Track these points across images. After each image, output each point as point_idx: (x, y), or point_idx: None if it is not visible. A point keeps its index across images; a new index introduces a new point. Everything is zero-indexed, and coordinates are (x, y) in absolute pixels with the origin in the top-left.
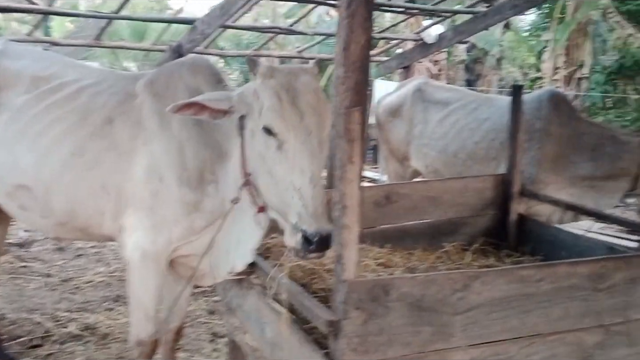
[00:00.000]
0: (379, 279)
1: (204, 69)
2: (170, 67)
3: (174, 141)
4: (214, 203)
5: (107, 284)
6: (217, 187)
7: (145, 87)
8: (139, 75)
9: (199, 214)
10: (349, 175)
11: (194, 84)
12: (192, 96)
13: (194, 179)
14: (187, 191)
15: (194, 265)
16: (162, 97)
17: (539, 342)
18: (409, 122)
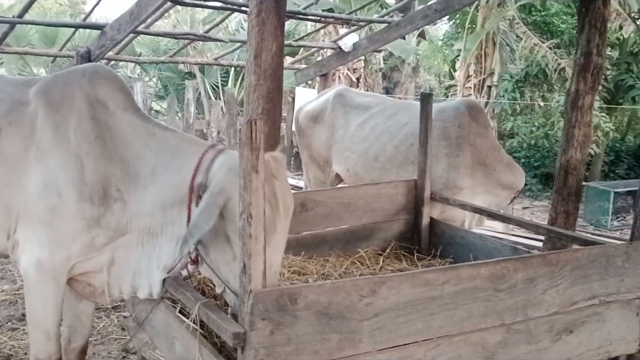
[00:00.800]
0: (285, 288)
1: (107, 80)
2: (68, 75)
3: (72, 154)
4: (119, 221)
5: (12, 302)
6: (124, 206)
7: (38, 94)
8: (30, 81)
9: (100, 230)
10: (254, 184)
11: (96, 95)
12: (92, 108)
13: (95, 193)
14: (88, 207)
15: (92, 281)
16: (58, 107)
17: (444, 343)
18: (330, 126)
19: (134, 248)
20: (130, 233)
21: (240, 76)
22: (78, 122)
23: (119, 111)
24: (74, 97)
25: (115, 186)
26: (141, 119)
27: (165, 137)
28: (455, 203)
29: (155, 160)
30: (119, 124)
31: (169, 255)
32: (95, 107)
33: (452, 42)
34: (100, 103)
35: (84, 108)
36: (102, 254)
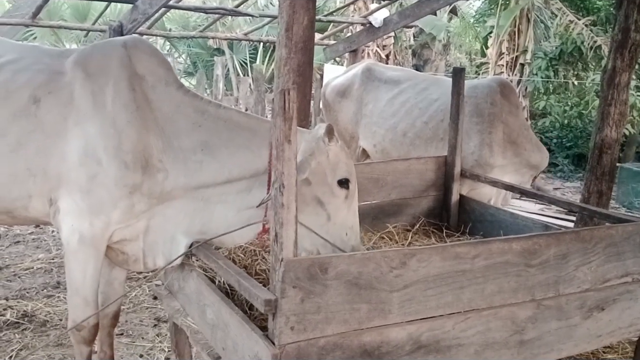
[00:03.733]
0: (315, 258)
1: (148, 54)
2: (106, 46)
3: (111, 123)
4: (162, 190)
5: (47, 271)
6: (167, 176)
7: (76, 65)
8: (67, 52)
9: (142, 198)
10: (287, 154)
11: (135, 69)
12: (131, 80)
13: (137, 162)
14: (129, 174)
15: (127, 250)
16: (97, 78)
17: (473, 317)
18: (358, 101)
19: (176, 216)
20: (173, 201)
21: (268, 53)
22: (117, 92)
23: (160, 85)
24: (113, 67)
25: (158, 157)
26: (187, 96)
27: (219, 115)
28: (486, 180)
29: (206, 137)
30: (159, 97)
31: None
32: (134, 78)
33: (484, 18)
34: (139, 75)
35: (123, 79)
36: (139, 221)
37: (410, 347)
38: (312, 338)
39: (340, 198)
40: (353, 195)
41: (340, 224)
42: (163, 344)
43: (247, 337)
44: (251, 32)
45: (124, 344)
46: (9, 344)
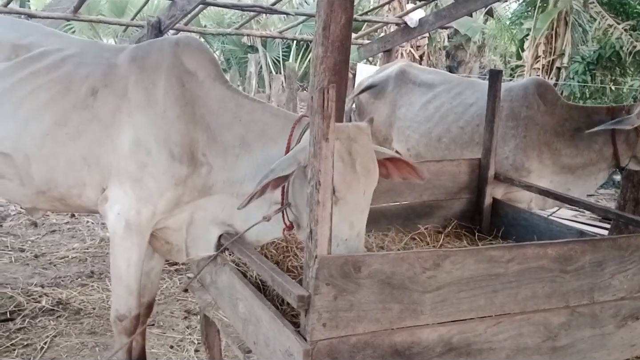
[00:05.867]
0: (349, 256)
1: (198, 51)
2: (160, 43)
3: (162, 115)
4: (205, 184)
5: (82, 260)
6: (210, 170)
7: (131, 60)
8: (124, 48)
9: (186, 190)
10: (324, 151)
11: (186, 66)
12: (182, 76)
13: (184, 154)
14: (176, 165)
15: (170, 239)
16: (149, 72)
17: (505, 321)
18: (391, 104)
19: (215, 210)
20: (213, 195)
21: (301, 51)
22: (168, 87)
23: (208, 81)
24: (165, 64)
25: (202, 151)
26: (230, 91)
27: (254, 108)
28: (521, 184)
29: (244, 131)
30: (207, 93)
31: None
32: (184, 74)
33: (521, 20)
34: (190, 72)
35: (174, 74)
36: (183, 212)
37: (441, 349)
38: (344, 335)
39: None
40: (344, 204)
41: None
42: (193, 336)
43: (279, 332)
44: (286, 30)
45: (154, 335)
46: (44, 330)
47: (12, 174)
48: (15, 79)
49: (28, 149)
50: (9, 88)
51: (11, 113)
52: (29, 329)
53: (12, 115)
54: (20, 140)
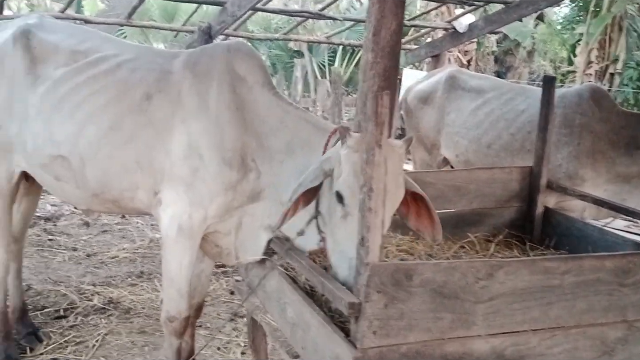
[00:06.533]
0: (401, 264)
1: (248, 57)
2: (213, 49)
3: (214, 121)
4: (253, 189)
5: (131, 260)
6: (259, 176)
7: (185, 66)
8: (177, 54)
9: (236, 195)
10: (377, 158)
11: (237, 71)
12: (233, 81)
13: (234, 159)
14: (227, 170)
15: (220, 243)
16: (202, 78)
17: (560, 334)
18: (440, 109)
19: (262, 215)
20: (261, 201)
21: (347, 56)
22: (220, 92)
23: (257, 87)
24: (217, 70)
25: (251, 156)
26: (276, 97)
27: (299, 115)
28: (575, 193)
29: (290, 137)
30: (256, 98)
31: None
32: (236, 80)
33: (572, 25)
34: (240, 78)
35: (226, 80)
36: (232, 217)
37: None
38: (394, 344)
39: (337, 214)
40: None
41: (339, 247)
42: (239, 338)
43: (329, 338)
44: (333, 35)
45: (202, 336)
46: (96, 328)
47: (68, 176)
48: (74, 84)
49: (84, 152)
50: (68, 92)
51: (69, 117)
52: (81, 326)
53: (70, 119)
54: (77, 143)
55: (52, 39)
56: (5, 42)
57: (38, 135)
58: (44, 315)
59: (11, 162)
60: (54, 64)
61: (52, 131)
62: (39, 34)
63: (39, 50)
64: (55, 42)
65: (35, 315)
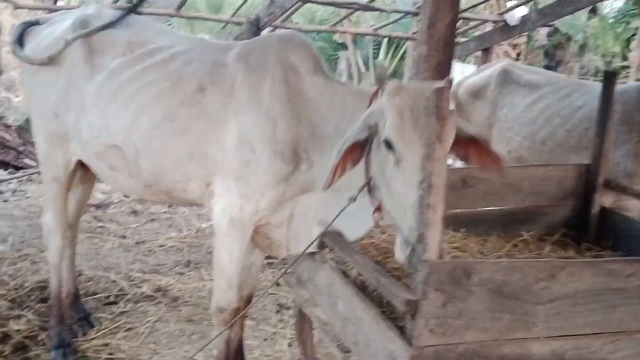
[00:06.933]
0: (461, 262)
1: (301, 47)
2: (265, 41)
3: (266, 114)
4: (304, 179)
5: (178, 249)
6: (311, 166)
7: (238, 58)
8: (230, 45)
9: (288, 187)
10: (437, 153)
11: (289, 61)
12: (285, 72)
13: (286, 152)
14: (279, 163)
15: (271, 235)
16: (255, 70)
17: (624, 339)
18: (492, 104)
19: (315, 206)
20: (314, 192)
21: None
22: (272, 84)
23: (309, 76)
24: (269, 61)
25: (304, 147)
26: (326, 80)
27: (345, 91)
28: (634, 192)
29: (339, 119)
30: (308, 88)
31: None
32: (289, 71)
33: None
34: (293, 68)
35: (278, 72)
36: (284, 209)
37: None
38: (451, 343)
39: (390, 163)
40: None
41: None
42: (285, 330)
43: (382, 334)
44: (380, 27)
45: (248, 327)
46: (145, 315)
47: (122, 166)
48: (129, 75)
49: (138, 143)
50: (123, 83)
51: (123, 107)
52: (131, 313)
53: (124, 109)
54: (131, 134)
55: (110, 30)
56: (65, 31)
57: (94, 124)
58: (95, 300)
59: (68, 150)
60: (111, 54)
61: (107, 121)
62: (97, 24)
63: (96, 40)
64: (112, 33)
65: (86, 301)
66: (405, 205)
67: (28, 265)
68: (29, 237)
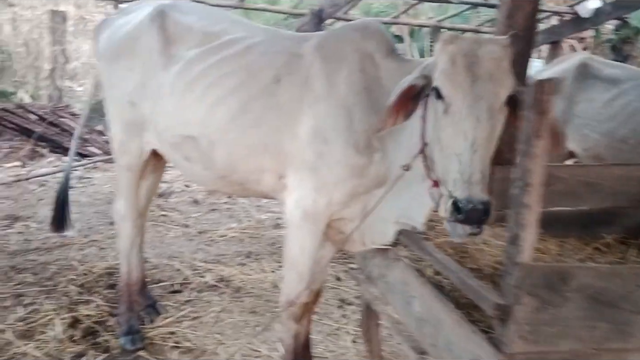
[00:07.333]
0: (556, 266)
1: (376, 34)
2: (340, 31)
3: (341, 104)
4: (378, 170)
5: (240, 240)
6: (384, 156)
7: (314, 49)
8: (306, 37)
9: (362, 179)
10: (535, 150)
11: (365, 49)
12: (362, 61)
13: (361, 143)
14: (353, 154)
15: (344, 229)
16: (330, 60)
17: None
18: (568, 99)
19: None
20: (388, 181)
21: None
22: (348, 74)
23: (383, 61)
24: (345, 51)
25: (378, 136)
26: (397, 61)
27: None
28: None
29: None
30: (382, 74)
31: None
32: (364, 60)
33: None
34: (368, 56)
35: (354, 61)
36: (358, 202)
37: None
38: (544, 351)
39: (438, 112)
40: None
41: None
42: (348, 326)
43: (467, 338)
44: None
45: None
46: (210, 304)
47: (197, 157)
48: (205, 66)
49: (213, 134)
50: (199, 74)
51: (199, 98)
52: (196, 302)
53: (200, 100)
54: (206, 125)
55: (186, 20)
56: (142, 22)
57: (170, 114)
58: (161, 288)
59: (143, 139)
60: (187, 44)
61: (183, 111)
62: (174, 15)
63: (173, 30)
64: (188, 24)
65: (152, 289)
66: (451, 155)
67: (95, 251)
68: (96, 223)
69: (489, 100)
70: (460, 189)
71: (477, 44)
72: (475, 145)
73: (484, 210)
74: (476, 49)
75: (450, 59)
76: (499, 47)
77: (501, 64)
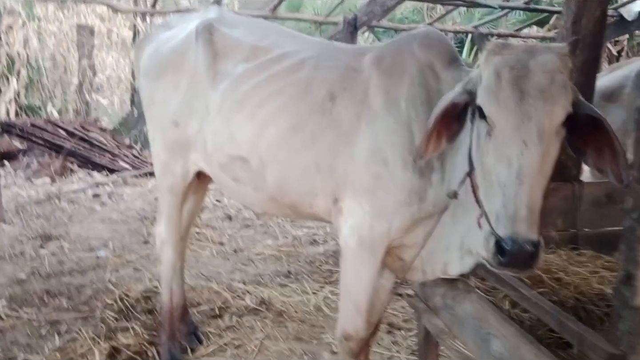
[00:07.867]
0: None
1: (437, 43)
2: (399, 42)
3: (401, 121)
4: (437, 194)
5: (277, 258)
6: (442, 177)
7: (372, 63)
8: (363, 50)
9: (421, 204)
10: None
11: (426, 60)
12: (422, 73)
13: (421, 163)
14: (413, 177)
15: (404, 256)
16: (390, 74)
17: None
18: (629, 108)
19: (448, 222)
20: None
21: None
22: (408, 88)
23: (444, 73)
24: (405, 64)
25: (438, 155)
26: (461, 72)
27: None
28: None
29: None
30: (443, 86)
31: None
32: (425, 72)
33: None
34: (429, 67)
35: (414, 74)
36: (420, 227)
37: None
38: None
39: (481, 134)
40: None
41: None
42: (401, 354)
43: None
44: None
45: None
46: (252, 331)
47: (247, 178)
48: (255, 82)
49: (264, 154)
50: (249, 91)
51: (249, 116)
52: (237, 328)
53: (250, 118)
54: (257, 144)
55: (234, 34)
56: (188, 36)
57: (218, 134)
58: (201, 314)
59: (188, 160)
60: (235, 59)
61: (233, 130)
62: (221, 29)
63: (221, 45)
64: (237, 38)
65: (192, 313)
66: (494, 185)
67: (131, 272)
68: (129, 241)
69: (539, 121)
70: (503, 226)
71: (529, 53)
72: (521, 175)
73: (531, 254)
74: (526, 60)
75: (495, 72)
76: (556, 57)
77: (557, 77)
